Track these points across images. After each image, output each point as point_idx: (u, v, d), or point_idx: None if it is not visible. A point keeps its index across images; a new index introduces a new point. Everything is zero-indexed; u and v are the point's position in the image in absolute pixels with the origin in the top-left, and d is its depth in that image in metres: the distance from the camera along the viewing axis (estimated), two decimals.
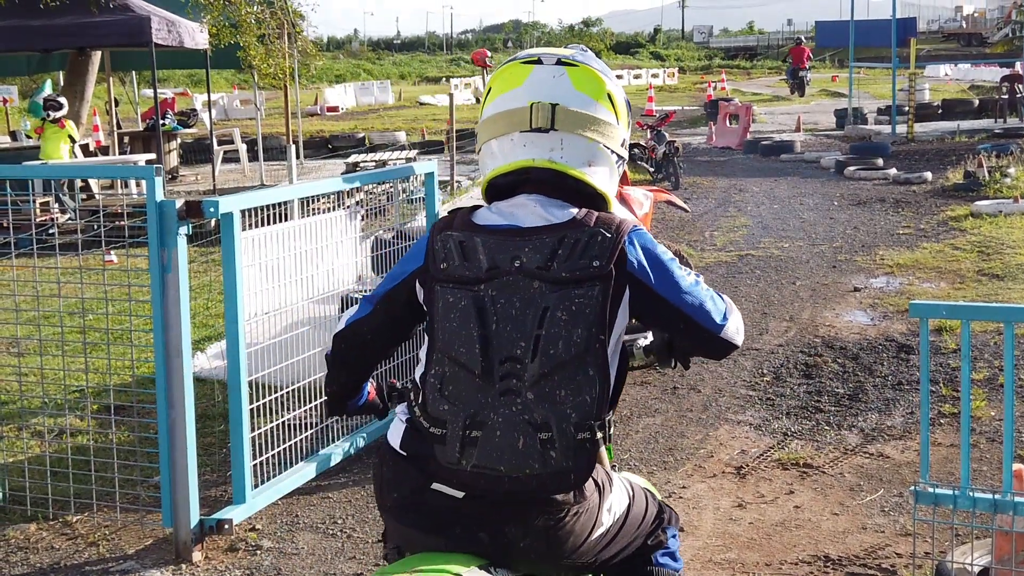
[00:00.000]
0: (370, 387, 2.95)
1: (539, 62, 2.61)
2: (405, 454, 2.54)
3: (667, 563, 2.74)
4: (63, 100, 16.68)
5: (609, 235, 2.47)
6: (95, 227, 7.31)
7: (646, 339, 2.87)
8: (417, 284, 2.60)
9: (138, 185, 16.54)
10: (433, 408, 2.47)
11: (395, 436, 2.57)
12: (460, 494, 2.46)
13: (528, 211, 2.56)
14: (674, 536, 2.81)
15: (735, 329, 2.59)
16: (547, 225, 2.50)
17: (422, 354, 2.57)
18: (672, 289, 2.52)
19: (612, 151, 2.63)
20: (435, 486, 2.48)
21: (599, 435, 2.43)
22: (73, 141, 15.96)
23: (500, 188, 2.65)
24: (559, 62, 2.60)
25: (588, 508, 2.51)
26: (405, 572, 2.35)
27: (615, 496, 2.61)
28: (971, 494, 3.79)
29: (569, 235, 2.47)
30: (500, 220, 2.55)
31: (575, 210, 2.54)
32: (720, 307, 2.57)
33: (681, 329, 2.58)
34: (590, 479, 2.47)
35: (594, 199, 2.61)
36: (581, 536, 2.51)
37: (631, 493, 2.71)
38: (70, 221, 13.26)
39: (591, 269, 2.43)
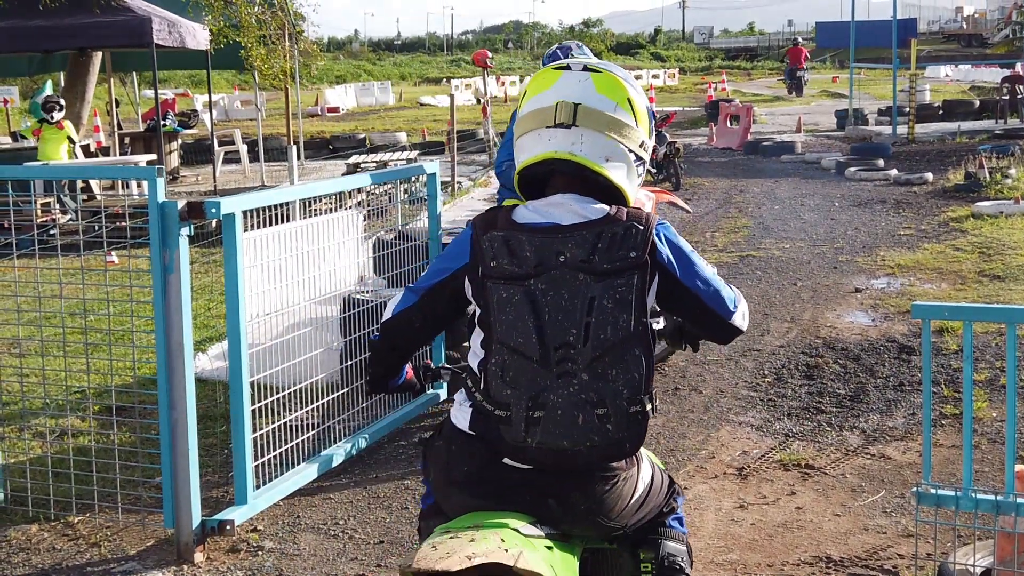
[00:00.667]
0: (408, 367, 3.20)
1: (568, 68, 2.88)
2: (473, 434, 2.78)
3: (676, 526, 3.07)
4: (62, 101, 16.66)
5: (641, 228, 2.73)
6: (96, 228, 7.31)
7: (658, 323, 3.09)
8: (466, 280, 2.84)
9: (139, 186, 16.56)
10: (496, 393, 2.72)
11: (462, 419, 2.81)
12: (528, 467, 2.74)
13: (565, 209, 2.79)
14: (681, 504, 3.13)
15: (742, 316, 2.93)
16: (585, 222, 2.75)
17: (476, 344, 2.82)
18: (693, 278, 2.84)
19: (630, 150, 2.86)
20: (505, 460, 2.75)
21: (648, 407, 2.74)
22: (72, 142, 15.94)
23: (529, 178, 2.92)
24: (585, 68, 2.87)
25: (632, 475, 2.84)
26: (467, 526, 2.62)
27: (645, 467, 2.93)
28: (973, 495, 3.79)
29: (606, 230, 2.72)
30: (540, 219, 2.78)
31: (603, 207, 2.78)
32: (731, 296, 2.90)
33: (697, 314, 2.90)
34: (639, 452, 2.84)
35: (614, 194, 2.83)
36: (625, 500, 2.83)
37: (653, 466, 3.04)
38: (71, 222, 13.27)
39: (629, 260, 2.70)
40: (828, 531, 5.09)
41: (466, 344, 3.69)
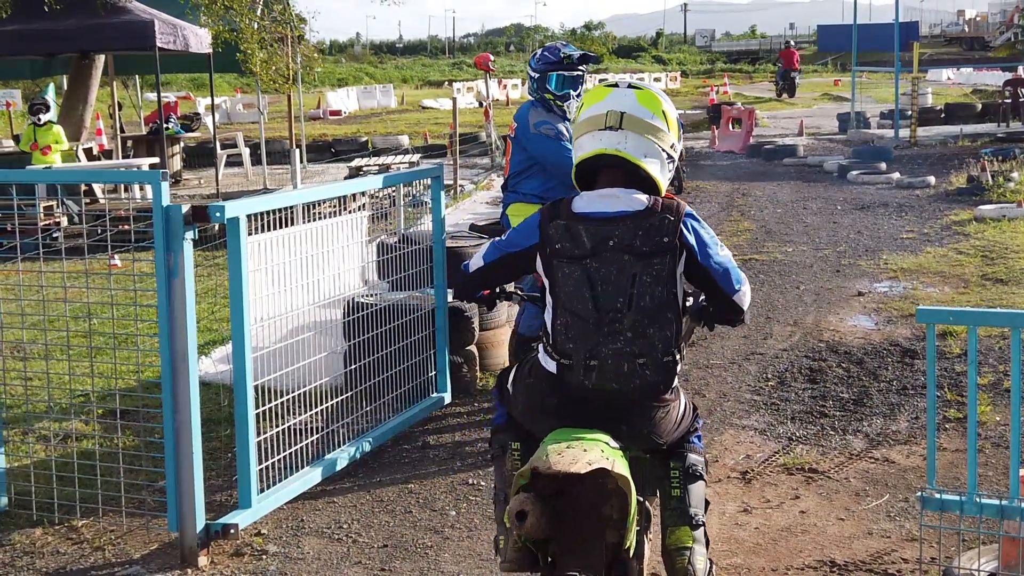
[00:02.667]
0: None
1: (616, 86, 3.74)
2: (556, 374, 3.58)
3: (696, 443, 3.85)
4: (48, 102, 16.54)
5: (672, 218, 3.52)
6: (99, 231, 7.31)
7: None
8: (538, 256, 3.66)
9: (141, 189, 16.56)
10: (562, 346, 3.56)
11: (549, 363, 3.61)
12: (598, 399, 3.56)
13: (613, 200, 3.58)
14: (701, 425, 3.91)
15: (743, 293, 3.66)
16: (630, 212, 3.54)
17: (548, 308, 3.64)
18: (708, 258, 3.60)
19: (663, 150, 3.67)
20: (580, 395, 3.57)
21: (677, 357, 3.55)
22: (58, 143, 15.76)
23: (585, 169, 3.72)
24: (630, 86, 3.74)
25: (676, 405, 3.68)
26: (567, 439, 3.41)
27: (682, 398, 3.76)
28: (978, 500, 3.79)
29: (645, 220, 3.51)
30: (593, 209, 3.58)
31: (646, 198, 3.56)
32: (738, 276, 3.65)
33: (709, 288, 3.66)
34: (675, 386, 3.64)
35: (650, 184, 3.62)
36: (672, 424, 3.68)
37: (685, 397, 3.81)
38: (73, 225, 13.28)
39: (663, 244, 3.49)
40: (832, 535, 5.09)
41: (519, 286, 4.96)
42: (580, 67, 6.71)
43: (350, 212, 6.57)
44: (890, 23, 26.74)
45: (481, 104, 34.34)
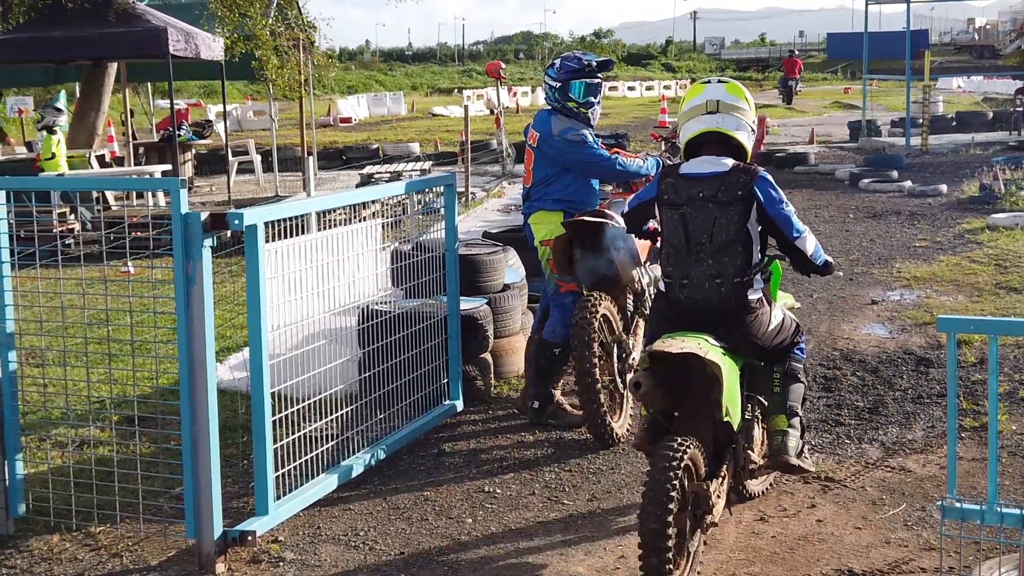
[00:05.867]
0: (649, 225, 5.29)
1: (709, 82, 5.07)
2: (665, 291, 4.95)
3: (798, 353, 5.13)
4: (61, 107, 16.49)
5: (747, 177, 4.82)
6: (112, 238, 7.33)
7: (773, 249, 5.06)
8: (656, 205, 5.03)
9: (154, 196, 16.60)
10: (664, 269, 4.96)
11: (662, 284, 4.98)
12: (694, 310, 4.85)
13: (707, 165, 4.90)
14: (804, 340, 5.21)
15: (804, 239, 4.89)
16: (717, 173, 4.85)
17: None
18: (774, 209, 4.82)
19: (748, 124, 4.99)
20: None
21: (746, 279, 4.79)
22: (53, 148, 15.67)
23: (692, 145, 5.00)
24: (719, 81, 5.06)
25: (766, 312, 4.92)
26: (678, 336, 4.63)
27: (776, 310, 5.03)
28: (999, 509, 3.78)
29: (726, 179, 4.83)
30: (692, 170, 4.91)
31: (730, 163, 4.87)
32: (799, 226, 4.88)
33: (774, 233, 4.88)
34: (760, 298, 4.87)
35: (740, 151, 4.92)
36: (764, 327, 4.91)
37: (783, 313, 5.11)
38: (85, 231, 13.31)
39: (737, 195, 4.79)
40: (849, 544, 5.08)
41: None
42: (599, 74, 6.77)
43: (365, 220, 6.57)
44: (900, 31, 26.75)
45: (492, 111, 34.38)
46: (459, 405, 6.96)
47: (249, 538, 4.99)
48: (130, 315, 5.68)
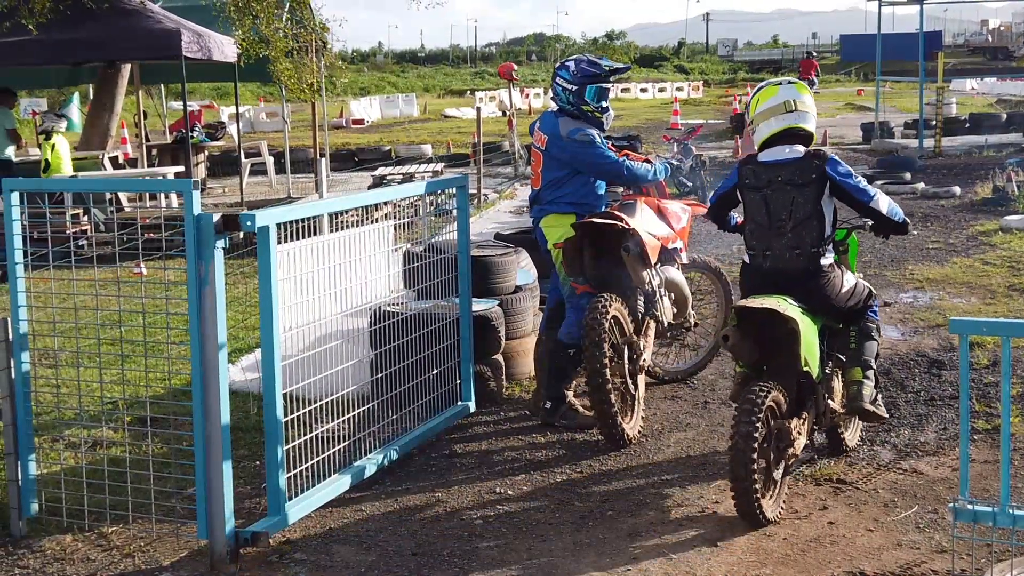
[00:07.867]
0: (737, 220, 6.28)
1: (781, 84, 5.89)
2: (749, 262, 5.83)
3: (872, 315, 5.94)
4: (63, 113, 16.45)
5: (819, 162, 5.65)
6: (124, 239, 7.36)
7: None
8: (737, 191, 5.93)
9: (166, 197, 16.65)
10: (748, 244, 5.81)
11: (746, 256, 5.86)
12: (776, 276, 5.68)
13: (782, 153, 5.74)
14: (877, 304, 6.05)
15: (877, 201, 5.70)
16: (793, 159, 5.70)
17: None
18: (845, 182, 5.64)
19: (814, 115, 5.82)
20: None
21: (821, 249, 5.61)
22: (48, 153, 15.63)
23: (770, 140, 5.79)
24: (789, 82, 5.91)
25: (838, 276, 5.72)
26: (760, 297, 5.48)
27: (848, 276, 5.82)
28: (1011, 511, 3.77)
29: (800, 163, 5.67)
30: (769, 158, 5.75)
31: (803, 150, 5.74)
32: (872, 192, 5.72)
33: (851, 201, 5.71)
34: (831, 265, 5.68)
35: (808, 139, 5.79)
36: (836, 289, 5.70)
37: (856, 277, 5.92)
38: (99, 232, 13.35)
39: (811, 178, 5.62)
40: (861, 546, 5.07)
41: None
42: (611, 79, 6.79)
43: (377, 221, 6.59)
44: (912, 33, 26.63)
45: (504, 113, 34.39)
46: (471, 406, 6.97)
47: (261, 539, 5.00)
48: (143, 316, 5.70)
